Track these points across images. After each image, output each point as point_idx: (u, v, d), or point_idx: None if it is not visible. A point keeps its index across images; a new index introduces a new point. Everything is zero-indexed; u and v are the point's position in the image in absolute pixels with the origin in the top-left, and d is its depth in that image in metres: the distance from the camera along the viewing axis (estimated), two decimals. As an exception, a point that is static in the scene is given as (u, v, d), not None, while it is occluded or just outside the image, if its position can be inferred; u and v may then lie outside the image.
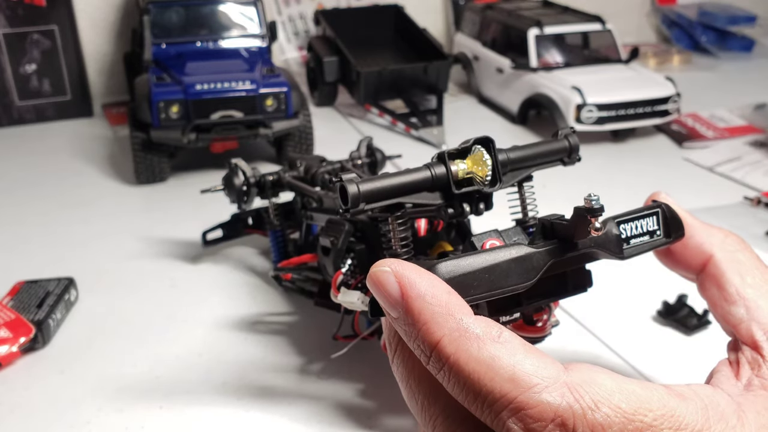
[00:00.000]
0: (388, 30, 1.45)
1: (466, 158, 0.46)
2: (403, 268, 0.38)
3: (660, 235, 0.47)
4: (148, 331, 0.69)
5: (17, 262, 0.83)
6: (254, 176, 0.72)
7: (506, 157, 0.48)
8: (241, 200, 0.73)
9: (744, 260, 0.46)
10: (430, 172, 0.45)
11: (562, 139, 0.51)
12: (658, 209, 0.47)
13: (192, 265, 0.81)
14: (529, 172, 0.49)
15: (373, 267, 0.38)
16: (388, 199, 0.44)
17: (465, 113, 1.31)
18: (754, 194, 0.92)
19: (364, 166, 0.77)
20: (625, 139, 1.15)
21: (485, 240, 0.47)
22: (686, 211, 0.49)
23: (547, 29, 1.23)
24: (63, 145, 1.20)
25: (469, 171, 0.46)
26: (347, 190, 0.42)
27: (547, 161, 0.50)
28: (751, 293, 0.44)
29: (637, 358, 0.63)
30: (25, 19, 1.26)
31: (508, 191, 0.49)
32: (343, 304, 0.56)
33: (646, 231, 0.46)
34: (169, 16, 1.10)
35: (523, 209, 0.50)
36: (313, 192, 0.66)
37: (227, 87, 0.98)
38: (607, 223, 0.45)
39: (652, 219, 0.47)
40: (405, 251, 0.46)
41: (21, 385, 0.62)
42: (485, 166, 0.46)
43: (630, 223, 0.46)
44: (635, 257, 0.45)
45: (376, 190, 0.43)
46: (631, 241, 0.46)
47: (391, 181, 0.44)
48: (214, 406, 0.59)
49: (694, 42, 1.67)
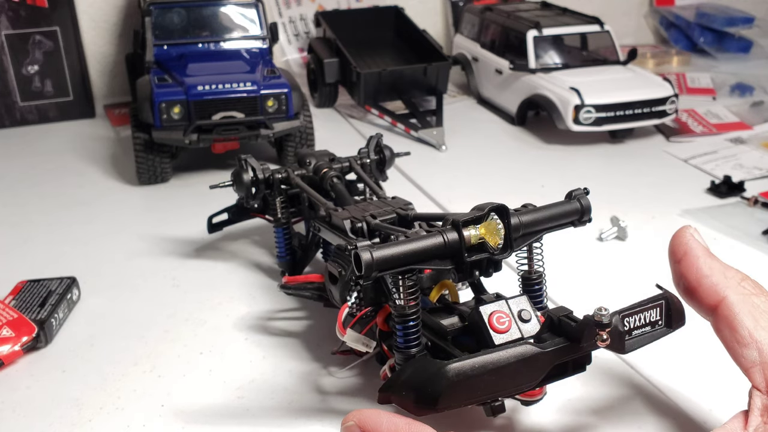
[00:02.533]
0: (388, 31, 1.46)
1: (480, 224, 0.46)
2: (365, 416, 0.41)
3: (662, 325, 0.47)
4: (150, 330, 0.70)
5: (20, 261, 0.83)
6: (263, 173, 0.72)
7: (518, 221, 0.48)
8: (249, 196, 0.73)
9: (759, 304, 0.45)
10: (443, 238, 0.46)
11: (574, 202, 0.50)
12: (662, 301, 0.46)
13: (193, 265, 0.82)
14: (540, 235, 0.49)
15: (342, 423, 0.42)
16: (401, 267, 0.44)
17: (464, 114, 1.31)
18: (751, 194, 0.93)
19: (372, 163, 0.77)
20: (624, 140, 1.16)
21: (492, 312, 0.47)
22: (706, 250, 0.48)
23: (546, 31, 1.23)
24: (65, 146, 1.20)
25: (481, 237, 0.46)
26: (361, 258, 0.43)
27: (559, 224, 0.50)
28: (765, 336, 0.43)
29: (640, 361, 0.63)
30: (27, 20, 1.26)
31: None
32: (349, 345, 0.56)
33: (648, 322, 0.46)
34: (171, 18, 1.11)
35: (530, 265, 0.50)
36: (323, 203, 0.66)
37: (228, 88, 0.98)
38: (613, 319, 0.44)
39: (656, 311, 0.46)
40: (413, 306, 0.46)
41: (23, 384, 0.62)
42: (498, 235, 0.46)
43: (634, 316, 0.45)
44: (637, 349, 0.45)
45: (389, 257, 0.44)
46: (633, 332, 0.45)
47: (404, 248, 0.44)
48: (215, 405, 0.59)
49: (692, 43, 1.67)
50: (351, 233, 0.58)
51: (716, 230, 0.86)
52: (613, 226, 0.85)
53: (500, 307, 0.48)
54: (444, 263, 0.46)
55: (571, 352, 0.44)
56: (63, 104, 1.32)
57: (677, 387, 0.59)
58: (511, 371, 0.42)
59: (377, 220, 0.58)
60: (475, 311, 0.48)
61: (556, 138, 1.16)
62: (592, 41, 1.29)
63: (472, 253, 0.46)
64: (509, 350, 0.43)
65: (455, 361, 0.42)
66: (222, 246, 0.86)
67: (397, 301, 0.47)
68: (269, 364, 0.64)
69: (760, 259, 0.80)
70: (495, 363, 0.42)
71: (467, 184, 1.02)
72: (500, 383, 0.43)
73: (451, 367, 0.42)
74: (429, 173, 1.04)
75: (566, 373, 0.47)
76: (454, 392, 0.42)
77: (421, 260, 0.45)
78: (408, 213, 0.58)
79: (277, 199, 0.73)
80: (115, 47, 1.43)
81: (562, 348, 0.44)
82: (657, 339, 0.46)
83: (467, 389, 0.42)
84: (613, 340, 0.44)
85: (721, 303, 0.45)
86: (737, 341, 0.44)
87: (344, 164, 0.75)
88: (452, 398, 0.42)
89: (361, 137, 1.20)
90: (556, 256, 0.80)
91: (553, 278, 0.76)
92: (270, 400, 0.60)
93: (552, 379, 0.47)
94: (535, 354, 0.43)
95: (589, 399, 0.58)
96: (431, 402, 0.42)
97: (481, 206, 0.47)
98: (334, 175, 0.72)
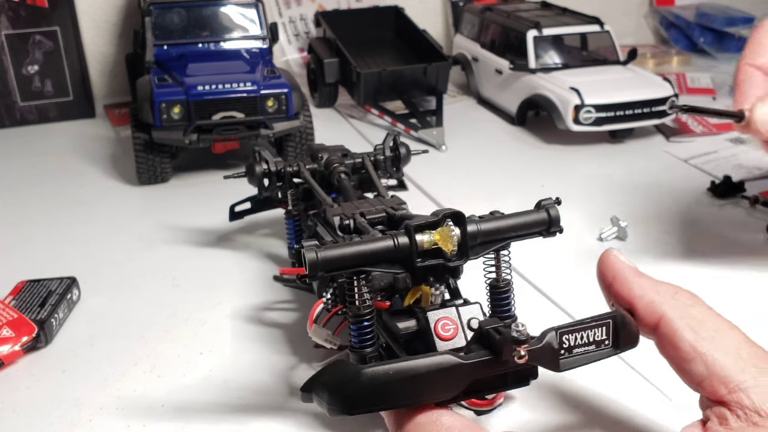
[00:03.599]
0: (388, 31, 1.46)
1: (436, 230, 0.46)
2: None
3: (608, 345, 0.45)
4: (150, 330, 0.70)
5: (20, 261, 0.83)
6: (275, 165, 0.73)
7: (476, 229, 0.46)
8: (262, 188, 0.73)
9: (696, 314, 0.44)
10: (393, 242, 0.45)
11: (542, 212, 0.49)
12: (609, 320, 0.45)
13: (194, 265, 0.82)
14: (504, 243, 0.48)
15: None
16: (348, 268, 0.44)
17: (464, 114, 1.31)
18: (751, 194, 0.93)
19: (387, 160, 0.77)
20: (624, 140, 1.16)
21: (439, 318, 0.47)
22: (635, 270, 0.48)
23: (546, 31, 1.23)
24: (65, 146, 1.20)
25: (435, 243, 0.45)
26: (306, 257, 0.42)
27: (524, 234, 0.48)
28: (707, 347, 0.42)
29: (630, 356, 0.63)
30: (27, 20, 1.26)
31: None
32: (313, 339, 0.58)
33: (592, 341, 0.45)
34: (171, 18, 1.11)
35: (497, 274, 0.49)
36: (323, 198, 0.66)
37: (228, 88, 0.98)
38: (547, 334, 0.43)
39: (601, 330, 0.45)
40: (367, 307, 0.46)
41: (23, 384, 0.63)
42: (451, 242, 0.45)
43: (575, 334, 0.44)
44: (574, 369, 0.44)
45: (335, 258, 0.43)
46: (574, 350, 0.44)
47: (351, 249, 0.44)
48: (215, 405, 0.59)
49: (692, 43, 1.67)
50: (339, 230, 0.58)
51: (716, 230, 0.86)
52: (613, 226, 0.85)
53: (449, 313, 0.47)
54: (394, 267, 0.46)
55: (496, 366, 0.43)
56: (63, 104, 1.32)
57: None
58: (428, 380, 0.42)
59: (366, 218, 0.58)
60: (423, 316, 0.47)
61: (556, 138, 1.16)
62: (592, 41, 1.29)
63: (426, 258, 0.46)
64: (428, 359, 0.42)
65: (370, 366, 0.42)
66: (222, 246, 0.86)
67: (350, 301, 0.46)
68: (269, 363, 0.64)
69: (761, 259, 0.80)
70: (411, 371, 0.41)
71: (467, 184, 1.02)
72: (416, 391, 0.42)
73: (365, 372, 0.41)
74: (429, 173, 1.04)
75: (506, 386, 0.46)
76: (368, 397, 0.42)
77: (370, 262, 0.44)
78: (396, 213, 0.58)
79: (289, 191, 0.73)
80: (115, 47, 1.43)
81: (485, 361, 0.43)
82: (602, 359, 0.45)
83: (381, 395, 0.41)
84: (544, 357, 0.43)
85: (660, 321, 0.45)
86: (682, 358, 0.43)
87: (357, 160, 0.75)
88: (365, 403, 0.42)
89: (361, 137, 1.20)
90: (557, 256, 0.80)
91: (553, 278, 0.77)
92: (272, 398, 0.60)
93: (488, 392, 0.47)
94: (454, 365, 0.42)
95: (588, 397, 0.58)
96: (344, 406, 0.42)
97: (437, 212, 0.46)
98: (342, 171, 0.72)
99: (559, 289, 0.74)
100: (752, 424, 0.39)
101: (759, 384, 0.40)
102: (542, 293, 0.74)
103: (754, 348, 0.43)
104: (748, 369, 0.41)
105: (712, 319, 0.44)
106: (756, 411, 0.40)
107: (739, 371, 0.41)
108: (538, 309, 0.72)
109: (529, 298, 0.74)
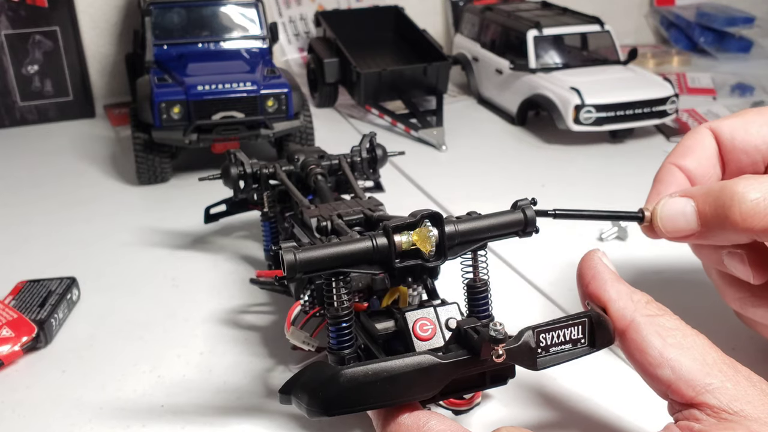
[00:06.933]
0: (388, 31, 1.46)
1: (414, 230, 0.46)
2: None
3: (584, 344, 0.46)
4: (150, 330, 0.70)
5: (19, 261, 0.83)
6: (251, 167, 0.73)
7: (454, 229, 0.47)
8: (237, 190, 0.74)
9: (664, 323, 0.45)
10: (372, 243, 0.45)
11: (518, 212, 0.49)
12: (585, 319, 0.46)
13: (193, 265, 0.82)
14: (481, 243, 0.48)
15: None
16: (327, 270, 0.44)
17: (464, 114, 1.31)
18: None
19: (364, 161, 0.77)
20: (624, 140, 1.16)
21: (417, 318, 0.47)
22: (614, 275, 0.49)
23: (546, 30, 1.23)
24: (65, 146, 1.20)
25: (413, 244, 0.46)
26: (284, 259, 0.42)
27: (501, 234, 0.49)
28: (674, 353, 0.43)
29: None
30: (27, 20, 1.26)
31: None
32: (291, 341, 0.58)
33: (568, 340, 0.45)
34: (171, 18, 1.11)
35: (475, 274, 0.50)
36: (299, 199, 0.66)
37: (228, 88, 0.98)
38: (524, 333, 0.44)
39: (577, 328, 0.46)
40: (345, 308, 0.46)
41: (23, 384, 0.62)
42: (429, 242, 0.46)
43: (551, 333, 0.45)
44: (551, 367, 0.45)
45: (314, 259, 0.43)
46: (550, 349, 0.45)
47: (330, 250, 0.44)
48: (215, 405, 0.59)
49: (692, 43, 1.67)
50: (316, 232, 0.58)
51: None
52: (613, 226, 0.85)
53: (427, 314, 0.48)
54: (373, 268, 0.46)
55: (474, 365, 0.43)
56: (63, 104, 1.32)
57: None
58: (407, 380, 0.42)
59: (343, 219, 0.58)
60: (401, 317, 0.48)
61: (556, 138, 1.16)
62: (592, 41, 1.29)
63: (405, 259, 0.46)
64: (406, 359, 0.42)
65: (349, 367, 0.42)
66: (223, 246, 0.86)
67: (329, 303, 0.46)
68: (269, 363, 0.64)
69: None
70: (390, 371, 0.42)
71: (467, 184, 1.02)
72: (395, 391, 0.42)
73: (343, 372, 0.41)
74: (429, 173, 1.04)
75: (484, 386, 0.47)
76: (347, 398, 0.42)
77: (349, 264, 0.45)
78: (374, 214, 0.58)
79: (265, 193, 0.73)
80: (114, 47, 1.43)
81: (464, 360, 0.43)
82: (578, 357, 0.46)
83: (360, 396, 0.41)
84: (522, 356, 0.43)
85: (629, 327, 0.46)
86: (649, 363, 0.44)
87: (333, 162, 0.74)
88: (343, 404, 0.42)
89: (361, 137, 1.20)
90: (557, 256, 0.80)
91: (553, 278, 0.77)
92: (272, 398, 0.60)
93: (466, 391, 0.47)
94: (433, 365, 0.42)
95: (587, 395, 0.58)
96: (323, 407, 0.42)
97: (416, 212, 0.47)
98: (318, 172, 0.72)
99: (559, 289, 0.74)
100: (723, 420, 0.40)
101: (725, 386, 0.42)
102: (542, 293, 0.74)
103: (719, 354, 0.44)
104: (713, 373, 0.42)
105: (680, 327, 0.45)
106: (724, 410, 0.41)
107: (705, 375, 0.42)
108: (538, 309, 0.72)
109: (529, 298, 0.74)
